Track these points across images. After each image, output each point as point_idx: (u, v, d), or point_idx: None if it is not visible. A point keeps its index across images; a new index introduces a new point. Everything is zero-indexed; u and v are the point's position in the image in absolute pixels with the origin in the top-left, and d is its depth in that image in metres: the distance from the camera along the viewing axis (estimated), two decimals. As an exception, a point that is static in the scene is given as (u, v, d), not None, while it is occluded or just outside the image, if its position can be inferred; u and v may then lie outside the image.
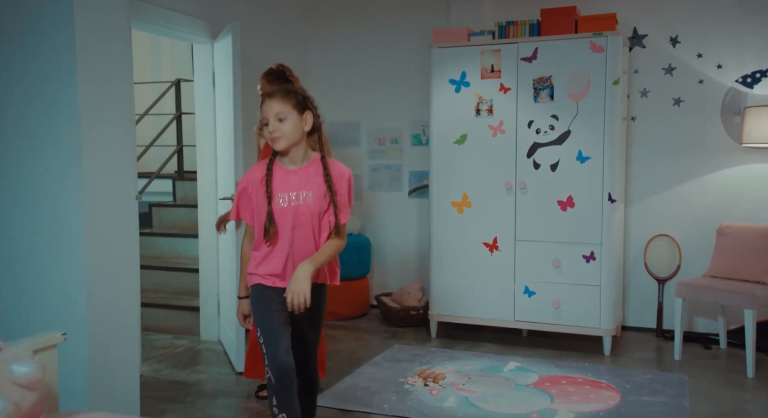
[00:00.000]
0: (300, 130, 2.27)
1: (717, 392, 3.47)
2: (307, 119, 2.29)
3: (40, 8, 2.39)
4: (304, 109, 2.28)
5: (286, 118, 2.24)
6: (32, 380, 1.42)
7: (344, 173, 2.35)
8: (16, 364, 1.43)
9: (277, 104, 2.25)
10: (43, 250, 2.45)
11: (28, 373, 1.42)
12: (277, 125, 2.24)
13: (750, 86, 4.28)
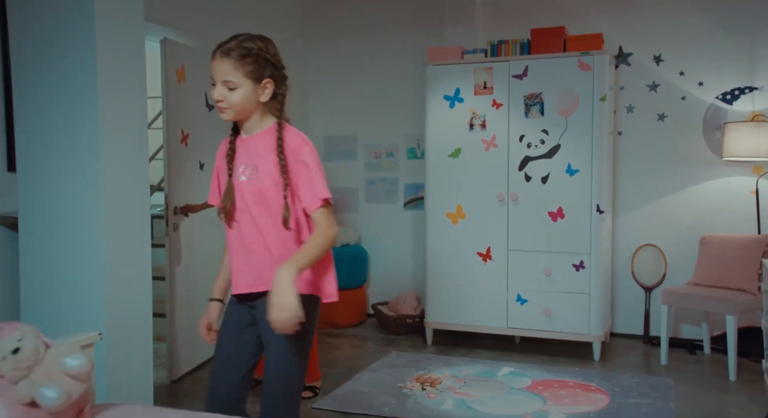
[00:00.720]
0: (253, 101, 1.84)
1: (701, 394, 3.63)
2: (266, 88, 1.85)
3: (62, 22, 2.54)
4: (263, 77, 1.83)
5: (237, 88, 1.81)
6: (83, 371, 1.56)
7: (304, 144, 1.85)
8: (68, 357, 1.56)
9: (228, 68, 1.79)
10: (62, 259, 2.57)
11: (80, 365, 1.55)
12: (224, 93, 1.81)
13: (730, 103, 4.49)
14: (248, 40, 1.84)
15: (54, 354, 1.59)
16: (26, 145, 2.64)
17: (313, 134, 5.64)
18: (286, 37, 5.34)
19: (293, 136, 1.85)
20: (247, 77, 1.81)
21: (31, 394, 1.51)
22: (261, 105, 1.86)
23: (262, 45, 1.85)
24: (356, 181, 5.49)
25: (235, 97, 1.81)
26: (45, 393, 1.50)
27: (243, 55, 1.80)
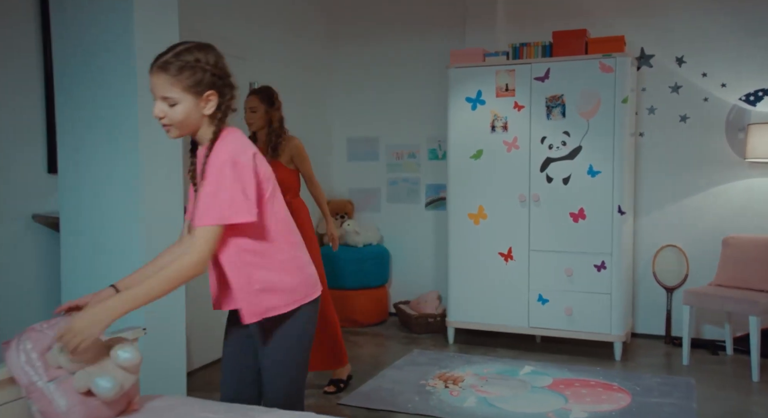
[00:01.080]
0: (196, 116, 1.73)
1: (723, 395, 3.65)
2: (209, 101, 1.73)
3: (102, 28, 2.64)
4: (205, 89, 1.71)
5: (178, 104, 1.70)
6: (133, 363, 1.65)
7: (226, 158, 1.69)
8: (120, 350, 1.66)
9: (165, 84, 1.68)
10: (102, 258, 2.68)
11: (131, 357, 1.65)
12: (164, 110, 1.71)
13: (753, 104, 4.49)
14: (185, 52, 1.71)
15: (107, 347, 1.69)
16: (67, 147, 2.75)
17: (336, 136, 5.73)
18: (310, 41, 5.43)
19: (220, 152, 1.71)
20: (187, 92, 1.70)
21: (87, 384, 1.60)
22: (207, 117, 1.76)
23: (201, 55, 1.72)
24: (378, 182, 5.56)
25: (176, 113, 1.71)
26: (100, 383, 1.59)
27: (180, 69, 1.68)
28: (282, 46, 5.01)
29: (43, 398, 1.59)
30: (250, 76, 4.62)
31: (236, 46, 4.49)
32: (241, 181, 1.68)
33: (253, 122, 3.58)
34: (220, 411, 1.71)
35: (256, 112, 3.57)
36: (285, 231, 1.85)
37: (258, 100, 3.59)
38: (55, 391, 1.58)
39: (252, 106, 3.57)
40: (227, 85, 1.77)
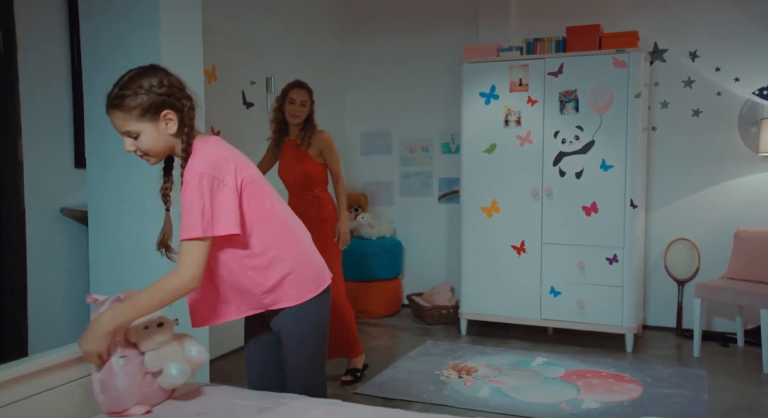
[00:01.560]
0: (163, 138, 1.76)
1: (734, 386, 3.71)
2: (169, 120, 1.75)
3: (130, 27, 2.71)
4: (158, 112, 1.73)
5: (140, 134, 1.74)
6: (201, 361, 1.78)
7: (201, 171, 1.71)
8: (194, 345, 1.78)
9: (121, 120, 1.73)
10: (130, 251, 2.76)
11: (201, 355, 1.78)
12: (133, 144, 1.76)
13: (766, 98, 4.51)
14: (128, 83, 1.73)
15: (180, 339, 1.79)
16: (95, 142, 2.82)
17: (349, 130, 5.79)
18: (325, 36, 5.49)
19: (194, 166, 1.73)
20: (142, 120, 1.72)
21: (160, 366, 1.72)
22: (176, 135, 1.78)
23: (144, 81, 1.72)
24: (391, 176, 5.63)
25: (142, 144, 1.75)
26: (173, 370, 1.71)
27: (125, 103, 1.70)
28: (297, 42, 5.07)
29: (110, 370, 1.69)
30: (267, 71, 4.69)
31: (253, 43, 4.55)
32: (218, 193, 1.70)
33: (300, 115, 3.64)
34: (253, 398, 1.79)
35: (305, 106, 3.64)
36: (284, 229, 1.88)
37: (308, 95, 3.67)
38: (121, 368, 1.68)
39: (303, 100, 3.64)
40: (182, 98, 1.77)
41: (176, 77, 1.81)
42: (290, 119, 3.64)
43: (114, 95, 1.73)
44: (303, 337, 1.92)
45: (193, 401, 1.79)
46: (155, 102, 1.72)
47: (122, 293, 1.80)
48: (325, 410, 1.70)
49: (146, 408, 1.74)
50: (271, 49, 4.72)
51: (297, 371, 1.96)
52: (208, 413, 1.70)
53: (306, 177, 3.65)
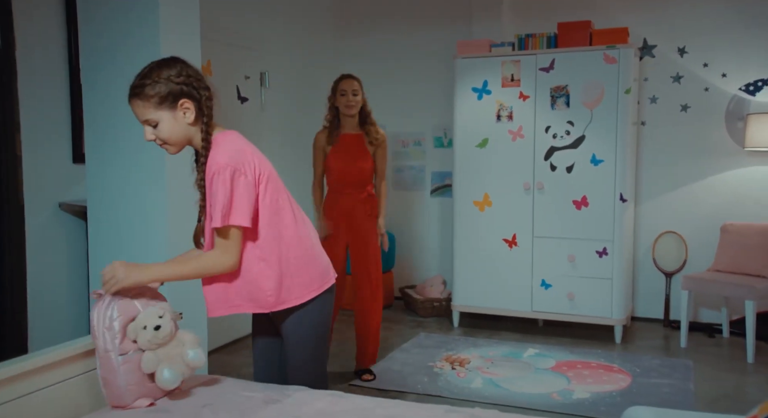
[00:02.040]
0: (181, 128, 1.83)
1: (719, 375, 3.81)
2: (186, 109, 1.81)
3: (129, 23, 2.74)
4: (176, 101, 1.80)
5: (159, 123, 1.81)
6: (198, 364, 1.82)
7: (219, 169, 1.78)
8: (191, 348, 1.81)
9: (141, 109, 1.81)
10: (130, 246, 2.80)
11: (198, 359, 1.81)
12: (153, 132, 1.83)
13: (752, 94, 4.60)
14: (148, 73, 1.81)
15: (179, 339, 1.83)
16: (94, 137, 2.85)
17: (342, 124, 5.82)
18: (319, 31, 5.51)
19: (216, 159, 1.81)
20: (160, 109, 1.79)
21: (154, 368, 1.75)
22: (194, 125, 1.84)
23: (164, 71, 1.81)
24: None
25: (162, 132, 1.82)
26: (165, 374, 1.75)
27: (144, 92, 1.78)
28: (292, 38, 5.09)
29: (110, 367, 1.73)
30: (261, 66, 4.71)
31: (248, 38, 4.57)
32: (238, 185, 1.78)
33: (356, 105, 3.61)
34: (258, 390, 1.84)
35: (358, 95, 3.61)
36: (293, 226, 1.92)
37: (358, 84, 3.64)
38: (121, 365, 1.72)
39: (355, 89, 3.61)
40: (199, 87, 1.84)
41: (195, 69, 1.87)
42: (345, 111, 3.59)
43: (135, 85, 1.81)
44: (304, 336, 1.97)
45: (200, 394, 1.84)
46: (173, 91, 1.79)
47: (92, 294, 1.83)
48: (329, 402, 1.75)
49: (149, 401, 1.78)
50: (265, 44, 4.74)
51: (298, 368, 2.00)
52: (215, 404, 1.75)
53: (363, 174, 3.61)
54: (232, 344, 4.41)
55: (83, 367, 1.86)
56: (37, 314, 3.12)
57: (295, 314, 1.94)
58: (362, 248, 3.68)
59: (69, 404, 1.80)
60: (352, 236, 3.66)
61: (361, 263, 3.70)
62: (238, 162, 1.80)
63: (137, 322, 1.77)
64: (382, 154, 3.69)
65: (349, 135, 3.66)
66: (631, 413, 2.10)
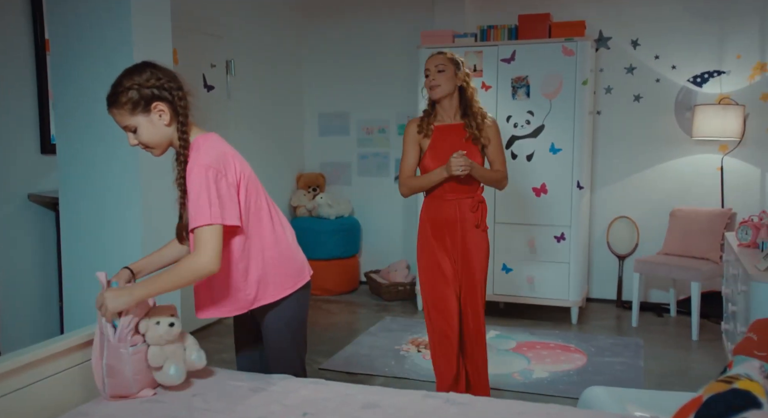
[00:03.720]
0: (160, 130, 1.87)
1: (667, 352, 4.06)
2: (161, 112, 1.85)
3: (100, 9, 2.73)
4: (148, 105, 1.84)
5: (137, 128, 1.86)
6: (198, 366, 1.90)
7: (196, 168, 1.83)
8: (195, 350, 1.89)
9: (118, 117, 1.85)
10: (102, 237, 2.81)
11: (199, 361, 1.90)
12: (134, 137, 1.87)
13: (699, 85, 4.84)
14: (120, 81, 1.86)
15: (184, 340, 1.92)
16: (65, 128, 2.83)
17: (307, 110, 5.86)
18: (283, 16, 5.51)
19: (195, 161, 1.85)
20: (135, 114, 1.83)
21: (161, 363, 1.83)
22: (170, 125, 1.88)
23: (135, 76, 1.85)
24: (349, 156, 5.75)
25: (142, 137, 1.87)
26: (172, 370, 1.83)
27: (118, 100, 1.83)
28: (257, 25, 5.08)
29: (119, 357, 1.79)
30: (227, 54, 4.70)
31: (213, 25, 4.55)
32: (221, 186, 1.82)
33: (439, 86, 2.77)
34: (245, 379, 1.93)
35: (443, 71, 2.77)
36: (270, 226, 1.99)
37: (446, 59, 2.81)
38: (130, 356, 1.79)
39: (440, 65, 2.77)
40: (172, 89, 1.87)
41: (168, 70, 1.91)
42: (430, 94, 2.82)
43: (109, 94, 1.86)
44: (280, 330, 2.04)
45: (188, 383, 1.91)
46: (144, 96, 1.83)
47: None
48: (312, 389, 1.85)
49: (153, 391, 1.86)
50: (231, 31, 4.73)
51: (276, 360, 2.09)
52: (205, 394, 1.83)
53: (468, 175, 2.73)
54: (201, 331, 4.45)
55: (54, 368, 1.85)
56: (7, 304, 3.11)
57: (273, 309, 2.01)
58: (467, 268, 2.83)
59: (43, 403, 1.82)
60: (455, 252, 2.83)
61: (466, 286, 2.84)
62: (219, 164, 1.85)
63: (151, 317, 1.84)
64: (494, 148, 2.84)
65: (444, 126, 2.84)
66: (589, 393, 2.28)
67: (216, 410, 1.71)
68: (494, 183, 2.87)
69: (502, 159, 2.89)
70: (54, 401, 1.81)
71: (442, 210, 2.81)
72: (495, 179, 2.86)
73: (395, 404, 1.73)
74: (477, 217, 2.81)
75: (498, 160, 2.88)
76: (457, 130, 2.83)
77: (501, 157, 2.88)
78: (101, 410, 1.75)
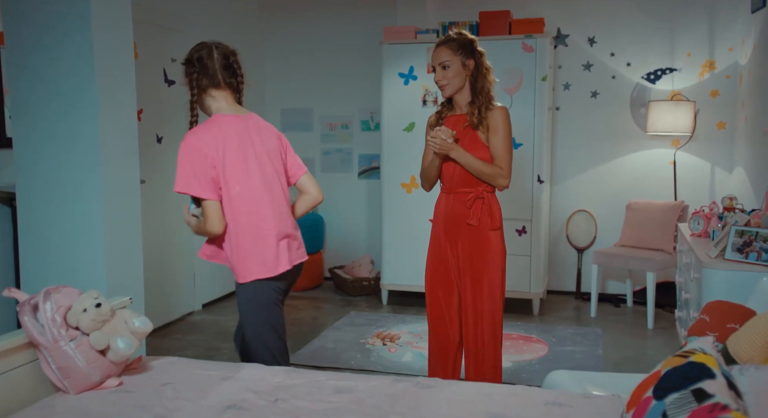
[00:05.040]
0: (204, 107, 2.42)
1: (624, 341, 4.19)
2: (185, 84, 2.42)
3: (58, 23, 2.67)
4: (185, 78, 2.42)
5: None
6: (145, 331, 1.86)
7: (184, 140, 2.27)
8: (137, 319, 1.85)
9: None
10: (61, 233, 2.76)
11: (145, 325, 1.89)
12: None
13: (653, 82, 5.00)
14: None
15: (119, 316, 1.88)
16: (22, 121, 2.76)
17: (270, 106, 5.83)
18: (245, 12, 5.46)
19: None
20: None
21: (106, 342, 1.79)
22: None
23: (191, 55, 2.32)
24: (312, 152, 5.74)
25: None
26: (119, 343, 1.80)
27: None
28: (216, 19, 5.03)
29: (65, 356, 1.76)
30: (185, 48, 4.63)
31: (173, 19, 4.49)
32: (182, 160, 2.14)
33: (445, 82, 2.59)
34: (215, 368, 1.93)
35: (449, 68, 2.57)
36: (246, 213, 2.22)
37: (451, 52, 2.58)
38: (75, 350, 1.76)
39: (444, 62, 2.57)
40: (194, 67, 2.31)
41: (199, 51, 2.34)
42: (442, 93, 2.66)
43: None
44: (244, 312, 2.23)
45: (158, 373, 1.90)
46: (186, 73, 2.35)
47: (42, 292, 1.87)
48: (284, 376, 1.86)
49: (119, 381, 1.84)
50: (191, 25, 4.67)
51: (248, 340, 2.24)
52: (175, 383, 1.82)
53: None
54: (164, 328, 4.40)
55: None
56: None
57: (239, 289, 2.23)
58: (466, 268, 2.65)
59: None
60: (456, 250, 2.69)
61: (464, 286, 2.68)
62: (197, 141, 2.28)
63: (75, 308, 1.82)
64: (495, 140, 2.56)
65: (454, 116, 2.68)
66: (553, 376, 2.35)
67: (186, 399, 1.71)
68: (486, 177, 2.57)
69: (503, 154, 2.56)
70: (15, 396, 1.78)
71: (447, 205, 2.68)
72: (486, 173, 2.55)
73: (366, 389, 1.75)
74: (474, 215, 2.59)
75: (498, 154, 2.56)
76: (462, 119, 2.64)
77: (501, 152, 2.56)
78: (67, 402, 1.73)
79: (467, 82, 2.62)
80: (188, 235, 4.70)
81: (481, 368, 2.65)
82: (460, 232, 2.65)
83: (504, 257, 2.68)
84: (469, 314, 2.67)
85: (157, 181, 4.31)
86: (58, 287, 1.86)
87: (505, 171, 2.58)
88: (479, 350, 2.65)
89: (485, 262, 2.61)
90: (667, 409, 1.27)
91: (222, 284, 5.12)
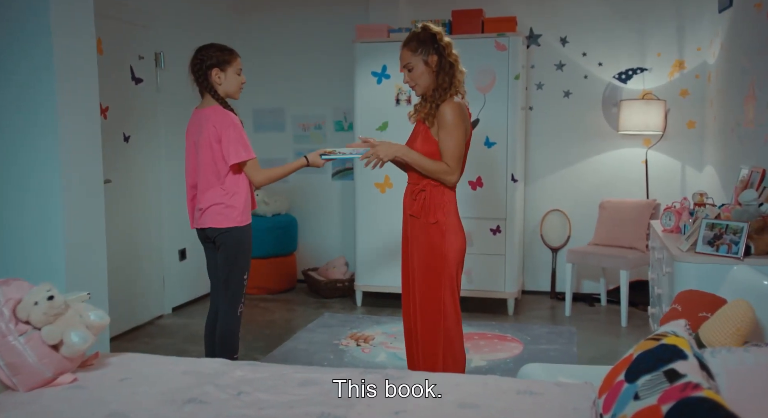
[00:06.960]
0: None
1: (598, 339, 4.18)
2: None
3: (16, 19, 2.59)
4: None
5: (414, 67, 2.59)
6: (102, 324, 1.78)
7: None
8: (92, 312, 1.76)
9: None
10: (19, 228, 2.66)
11: (101, 319, 1.80)
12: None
13: (624, 82, 5.03)
14: None
15: (75, 308, 1.79)
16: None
17: (242, 106, 5.73)
18: (216, 10, 5.39)
19: None
20: None
21: (59, 337, 1.70)
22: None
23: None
24: (285, 153, 5.67)
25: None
26: (73, 337, 1.70)
27: None
28: (187, 15, 4.95)
29: (14, 351, 1.67)
30: (156, 46, 4.56)
31: (140, 15, 4.41)
32: None
33: (416, 84, 2.63)
34: (173, 363, 1.86)
35: (414, 70, 2.61)
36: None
37: (410, 53, 2.59)
38: (25, 345, 1.67)
39: (406, 63, 2.62)
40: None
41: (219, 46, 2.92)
42: (415, 93, 2.70)
43: None
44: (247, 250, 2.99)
45: (114, 368, 1.82)
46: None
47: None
48: (248, 370, 1.80)
49: (73, 377, 1.75)
50: (159, 22, 4.58)
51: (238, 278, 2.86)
52: (133, 377, 1.75)
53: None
54: (133, 331, 4.29)
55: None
56: None
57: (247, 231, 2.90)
58: (416, 260, 2.73)
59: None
60: (410, 242, 2.78)
61: (416, 279, 2.73)
62: None
63: (26, 301, 1.74)
64: (442, 136, 2.57)
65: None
66: (526, 369, 2.32)
67: (144, 394, 1.64)
68: (431, 174, 2.58)
69: (448, 150, 2.55)
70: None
71: (404, 197, 2.82)
72: (430, 170, 2.57)
73: (332, 381, 1.70)
74: (415, 206, 2.66)
75: (444, 150, 2.56)
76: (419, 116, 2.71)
77: (444, 147, 2.55)
78: (16, 400, 1.64)
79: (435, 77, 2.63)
80: (158, 237, 4.59)
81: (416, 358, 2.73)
82: (408, 223, 2.77)
83: (443, 252, 2.67)
84: (415, 306, 2.76)
85: (125, 180, 4.21)
86: (8, 280, 1.78)
87: (452, 167, 2.57)
88: (416, 339, 2.75)
89: (423, 254, 2.67)
90: (639, 390, 1.24)
91: (192, 288, 5.02)
